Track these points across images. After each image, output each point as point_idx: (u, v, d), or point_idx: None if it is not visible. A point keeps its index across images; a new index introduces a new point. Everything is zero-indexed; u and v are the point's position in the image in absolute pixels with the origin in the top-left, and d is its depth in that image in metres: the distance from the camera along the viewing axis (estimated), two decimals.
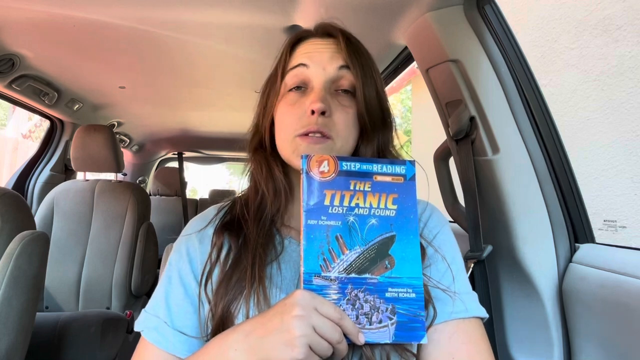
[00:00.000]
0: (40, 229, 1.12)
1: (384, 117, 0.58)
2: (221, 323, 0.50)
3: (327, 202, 0.46)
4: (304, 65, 0.55)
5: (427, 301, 0.50)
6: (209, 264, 0.54)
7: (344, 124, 0.54)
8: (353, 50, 0.56)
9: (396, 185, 0.48)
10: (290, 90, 0.56)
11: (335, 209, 0.46)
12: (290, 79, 0.56)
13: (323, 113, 0.52)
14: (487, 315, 0.54)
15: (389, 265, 0.46)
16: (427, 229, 0.58)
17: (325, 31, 0.59)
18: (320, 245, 0.45)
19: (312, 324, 0.40)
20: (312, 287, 0.44)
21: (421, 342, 0.46)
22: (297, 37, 0.60)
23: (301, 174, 0.47)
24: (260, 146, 0.61)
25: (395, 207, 0.48)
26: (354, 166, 0.48)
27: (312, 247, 0.45)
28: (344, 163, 0.48)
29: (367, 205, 0.47)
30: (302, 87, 0.56)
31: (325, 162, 0.47)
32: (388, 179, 0.48)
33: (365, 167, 0.48)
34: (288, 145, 0.54)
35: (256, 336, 0.42)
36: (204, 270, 0.54)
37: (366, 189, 0.47)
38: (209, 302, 0.52)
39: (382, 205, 0.47)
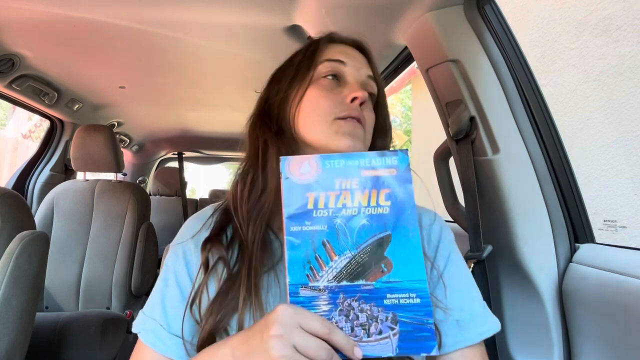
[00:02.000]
0: (40, 229, 1.12)
1: (387, 128, 0.64)
2: (211, 338, 0.49)
3: (310, 206, 0.42)
4: (341, 62, 0.59)
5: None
6: (197, 285, 0.53)
7: (370, 123, 0.59)
8: (376, 68, 0.63)
9: (388, 178, 0.43)
10: (324, 77, 0.58)
11: (320, 212, 0.42)
12: (325, 67, 0.59)
13: (362, 104, 0.56)
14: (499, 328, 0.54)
15: (385, 269, 0.42)
16: (438, 255, 0.56)
17: (356, 44, 0.64)
18: (306, 253, 0.41)
19: (293, 343, 0.37)
20: (299, 300, 0.41)
21: (432, 354, 0.40)
22: (332, 37, 0.63)
23: (281, 179, 0.43)
24: (276, 133, 0.58)
25: (388, 203, 0.43)
26: (338, 163, 0.43)
27: (297, 256, 0.41)
28: (326, 161, 0.43)
29: (356, 204, 0.43)
30: (336, 77, 0.59)
31: (306, 163, 0.43)
32: (378, 173, 0.43)
33: (351, 162, 0.43)
34: (327, 128, 0.55)
35: (240, 352, 0.41)
36: (192, 292, 0.53)
37: (353, 186, 0.43)
38: (198, 322, 0.51)
39: (372, 203, 0.43)
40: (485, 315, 0.54)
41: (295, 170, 0.43)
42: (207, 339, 0.49)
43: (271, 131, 0.58)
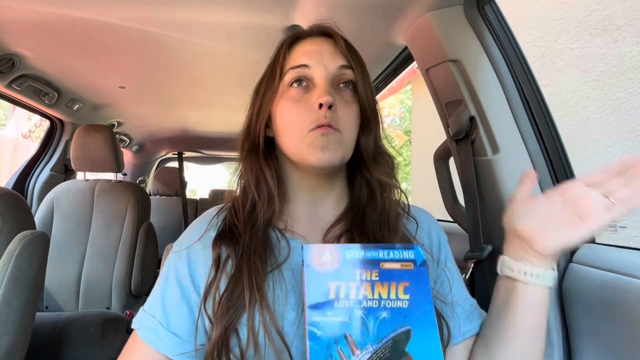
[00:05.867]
0: (40, 229, 1.12)
1: (376, 112, 0.60)
2: (222, 340, 0.49)
3: (332, 296, 0.42)
4: (305, 66, 0.55)
5: (440, 319, 0.53)
6: (209, 280, 0.53)
7: (348, 119, 0.55)
8: (351, 49, 0.58)
9: (406, 272, 0.44)
10: (291, 85, 0.56)
11: (342, 303, 0.42)
12: (290, 76, 0.56)
13: (330, 107, 0.52)
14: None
15: None
16: (442, 253, 0.62)
17: (322, 31, 0.60)
18: (328, 345, 0.41)
19: None
20: None
21: None
22: (294, 36, 0.60)
23: (302, 267, 0.44)
24: (253, 149, 0.59)
25: (407, 297, 0.43)
26: (359, 254, 0.45)
27: (319, 348, 0.41)
28: (347, 252, 0.45)
29: (377, 296, 0.43)
30: (303, 82, 0.56)
31: (327, 252, 0.44)
32: (397, 265, 0.45)
33: (371, 254, 0.45)
34: (301, 142, 0.54)
35: None
36: (205, 287, 0.53)
37: (373, 278, 0.43)
38: (210, 320, 0.51)
39: (392, 296, 0.43)
40: (478, 307, 0.61)
41: (316, 260, 0.44)
42: (220, 340, 0.48)
43: (258, 155, 0.59)
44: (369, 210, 0.58)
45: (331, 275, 0.43)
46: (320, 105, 0.52)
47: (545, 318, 0.53)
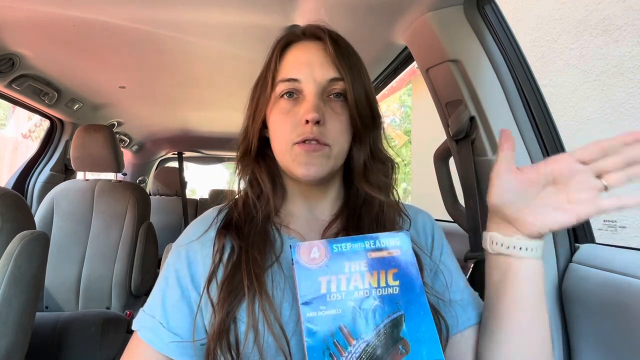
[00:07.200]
0: (40, 229, 1.12)
1: (373, 116, 0.58)
2: (224, 325, 0.49)
3: (323, 290, 0.44)
4: (295, 80, 0.55)
5: (437, 317, 0.51)
6: (213, 265, 0.54)
7: (338, 131, 0.54)
8: (342, 55, 0.56)
9: (394, 259, 0.45)
10: (282, 96, 0.56)
11: (333, 296, 0.43)
12: (281, 88, 0.56)
13: (317, 122, 0.52)
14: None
15: (403, 350, 0.42)
16: (435, 247, 0.61)
17: (313, 35, 0.58)
18: (324, 340, 0.42)
19: None
20: None
21: None
22: (285, 42, 0.59)
23: (292, 265, 0.45)
24: (248, 151, 0.60)
25: (397, 282, 0.44)
26: (345, 247, 0.46)
27: (315, 343, 0.42)
28: (334, 246, 0.46)
29: (367, 286, 0.44)
30: (294, 94, 0.56)
31: (315, 248, 0.45)
32: (384, 253, 0.46)
33: (357, 245, 0.46)
34: (287, 155, 0.55)
35: None
36: (209, 273, 0.54)
37: (362, 269, 0.45)
38: (213, 305, 0.51)
39: (382, 284, 0.44)
40: (478, 298, 0.60)
41: (305, 256, 0.45)
42: (221, 325, 0.49)
43: (255, 160, 0.60)
44: (364, 211, 0.58)
45: (321, 271, 0.44)
46: (307, 121, 0.52)
47: (543, 290, 0.51)
